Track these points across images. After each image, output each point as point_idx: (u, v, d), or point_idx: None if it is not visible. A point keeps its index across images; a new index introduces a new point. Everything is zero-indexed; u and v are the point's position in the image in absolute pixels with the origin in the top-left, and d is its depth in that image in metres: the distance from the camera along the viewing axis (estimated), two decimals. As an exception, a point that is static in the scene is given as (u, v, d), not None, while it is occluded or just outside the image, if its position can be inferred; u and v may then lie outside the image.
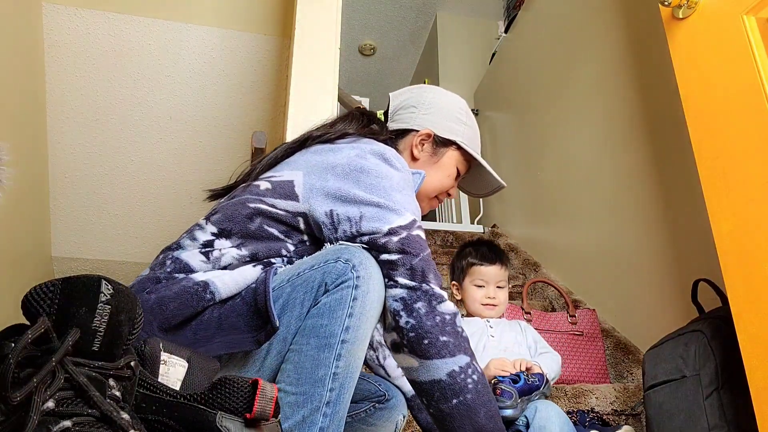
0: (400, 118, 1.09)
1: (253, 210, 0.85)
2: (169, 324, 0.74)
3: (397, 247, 0.79)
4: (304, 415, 0.70)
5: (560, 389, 1.60)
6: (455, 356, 0.76)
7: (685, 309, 1.58)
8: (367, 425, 1.02)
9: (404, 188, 0.87)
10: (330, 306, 0.73)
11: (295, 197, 0.86)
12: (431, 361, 0.77)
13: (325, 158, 0.89)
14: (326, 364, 0.71)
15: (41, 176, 2.26)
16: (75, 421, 0.44)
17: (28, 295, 0.48)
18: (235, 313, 0.75)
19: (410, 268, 0.78)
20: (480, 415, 0.76)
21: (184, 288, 0.76)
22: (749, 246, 0.95)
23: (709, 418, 1.06)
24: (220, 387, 0.54)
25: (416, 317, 0.76)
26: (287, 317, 0.74)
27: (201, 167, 2.43)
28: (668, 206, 1.79)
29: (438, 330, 0.76)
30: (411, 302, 0.77)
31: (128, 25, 2.13)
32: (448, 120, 1.08)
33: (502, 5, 3.63)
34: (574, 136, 2.46)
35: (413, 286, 0.78)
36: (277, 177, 0.89)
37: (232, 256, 0.83)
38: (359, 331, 0.73)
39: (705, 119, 1.08)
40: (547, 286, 2.46)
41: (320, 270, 0.75)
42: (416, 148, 1.05)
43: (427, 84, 1.15)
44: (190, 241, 0.86)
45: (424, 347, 0.76)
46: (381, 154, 0.89)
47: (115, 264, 2.56)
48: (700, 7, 1.10)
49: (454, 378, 0.76)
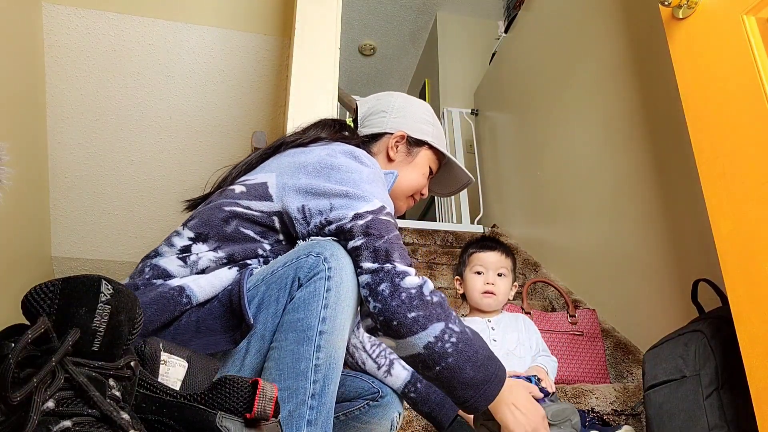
0: (370, 123, 1.13)
1: (228, 213, 0.87)
2: (147, 329, 0.74)
3: (362, 231, 0.79)
4: (290, 409, 0.70)
5: (560, 389, 1.60)
6: (427, 328, 0.76)
7: (685, 309, 1.58)
8: (362, 423, 1.02)
9: (374, 181, 0.88)
10: (304, 299, 0.74)
11: (269, 197, 0.87)
12: (405, 340, 0.77)
13: (296, 159, 0.91)
14: (306, 357, 0.72)
15: (41, 176, 2.26)
16: (75, 421, 0.44)
17: (28, 295, 0.48)
18: (212, 315, 0.76)
19: (373, 250, 0.78)
20: (466, 371, 0.77)
21: (160, 294, 0.77)
22: (749, 246, 0.95)
23: (709, 418, 1.06)
24: (220, 387, 0.54)
25: (381, 300, 0.76)
26: (263, 315, 0.75)
27: (201, 167, 2.43)
28: (668, 206, 1.79)
29: (405, 308, 0.76)
30: (375, 286, 0.77)
31: (128, 25, 2.13)
32: (417, 122, 1.12)
33: (502, 5, 3.63)
34: (574, 136, 2.46)
35: (375, 268, 0.77)
36: (251, 180, 0.91)
37: (209, 259, 0.84)
38: (336, 321, 0.74)
39: (705, 119, 1.08)
40: (547, 286, 2.46)
41: (293, 266, 0.76)
42: (392, 149, 1.10)
43: (395, 92, 1.19)
44: (168, 247, 0.87)
45: (395, 328, 0.76)
46: (350, 153, 0.91)
47: (115, 264, 2.56)
48: (700, 7, 1.10)
49: (431, 349, 0.76)
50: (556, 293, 2.36)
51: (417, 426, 1.41)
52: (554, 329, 1.90)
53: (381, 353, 1.09)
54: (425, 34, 4.83)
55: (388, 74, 5.32)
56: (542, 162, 2.79)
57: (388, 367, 1.07)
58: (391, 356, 1.09)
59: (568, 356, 1.85)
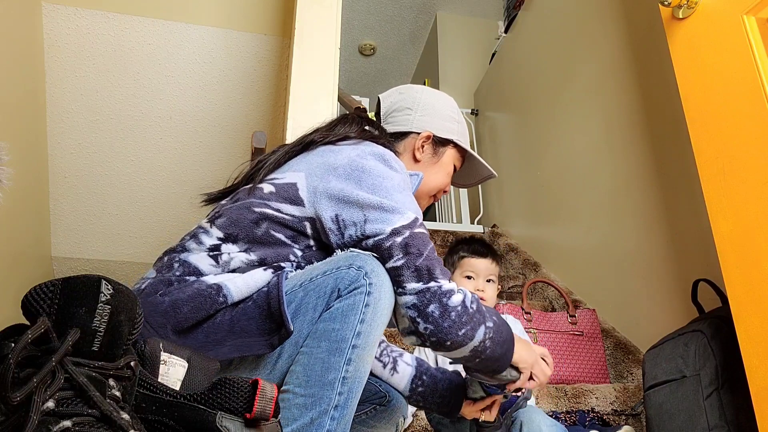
0: (395, 120, 1.11)
1: (259, 215, 0.86)
2: (182, 326, 0.74)
3: (401, 249, 0.80)
4: (313, 417, 0.71)
5: (560, 389, 1.60)
6: (474, 338, 0.81)
7: (685, 309, 1.58)
8: (368, 427, 1.03)
9: (404, 189, 0.89)
10: (342, 311, 0.74)
11: (300, 201, 0.86)
12: (458, 350, 0.81)
13: (326, 159, 0.90)
14: (336, 368, 0.72)
15: (41, 176, 2.26)
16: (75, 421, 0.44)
17: (28, 295, 0.48)
18: (247, 316, 0.76)
19: (416, 269, 0.80)
20: (497, 352, 0.84)
21: (197, 291, 0.76)
22: (749, 246, 0.95)
23: (709, 418, 1.06)
24: (220, 387, 0.54)
25: (432, 322, 0.79)
26: (299, 321, 0.75)
27: (201, 167, 2.43)
28: (668, 206, 1.79)
29: (456, 327, 0.79)
30: (423, 307, 0.79)
31: (128, 25, 2.13)
32: (444, 120, 1.10)
33: (502, 5, 3.63)
34: (574, 136, 2.46)
35: (421, 289, 0.79)
36: (280, 179, 0.90)
37: (241, 261, 0.83)
38: (369, 337, 0.74)
39: (705, 119, 1.08)
40: (547, 286, 2.46)
41: (333, 276, 0.76)
42: (418, 150, 1.08)
43: (419, 84, 1.16)
44: (196, 244, 0.86)
45: (448, 346, 0.80)
46: (381, 156, 0.90)
47: (115, 264, 2.56)
48: (700, 7, 1.10)
49: (476, 350, 0.82)
50: (556, 293, 2.36)
51: (417, 426, 1.41)
52: (554, 329, 1.90)
53: (384, 351, 1.08)
54: (425, 34, 4.83)
55: (388, 74, 5.32)
56: (542, 162, 2.79)
57: (393, 364, 1.07)
58: (393, 354, 1.08)
59: (568, 356, 1.85)
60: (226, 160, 2.43)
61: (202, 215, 0.95)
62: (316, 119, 1.09)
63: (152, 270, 0.86)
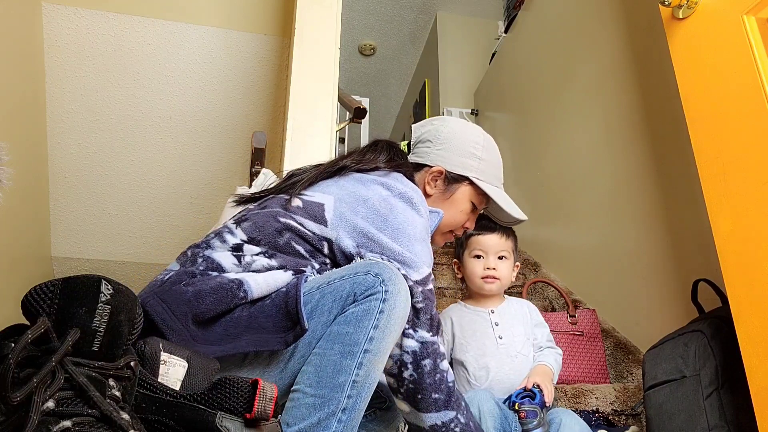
0: (418, 151, 1.13)
1: (283, 225, 0.89)
2: (202, 317, 0.75)
3: (422, 295, 0.86)
4: (320, 417, 0.72)
5: (560, 389, 1.60)
6: (440, 412, 0.85)
7: (685, 309, 1.58)
8: (368, 430, 1.03)
9: (425, 238, 0.93)
10: (357, 315, 0.75)
11: (324, 221, 0.90)
12: (419, 413, 0.85)
13: (356, 190, 0.94)
14: (347, 371, 0.73)
15: (41, 176, 2.26)
16: (75, 421, 0.43)
17: (28, 295, 0.48)
18: (264, 314, 0.77)
19: (430, 318, 0.85)
20: None
21: (219, 284, 0.78)
22: (749, 246, 0.95)
23: (709, 418, 1.06)
24: (220, 387, 0.54)
25: (419, 373, 0.84)
26: (314, 322, 0.77)
27: (201, 167, 2.43)
28: (668, 206, 1.79)
29: (433, 388, 0.84)
30: (420, 358, 0.84)
31: (128, 25, 2.13)
32: (461, 155, 1.09)
33: (502, 5, 3.63)
34: (573, 136, 2.46)
35: (427, 340, 0.84)
36: (309, 197, 0.94)
37: (262, 264, 0.85)
38: (382, 344, 0.75)
39: (705, 119, 1.08)
40: (547, 286, 2.46)
41: (350, 281, 0.78)
42: (428, 185, 1.09)
43: (453, 117, 1.17)
44: (220, 242, 0.88)
45: (418, 400, 0.85)
46: (409, 199, 0.93)
47: (115, 264, 2.56)
48: (700, 7, 1.10)
49: (435, 430, 0.85)
50: (556, 293, 2.36)
51: (417, 426, 1.40)
52: (554, 329, 1.90)
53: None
54: (425, 34, 4.83)
55: (388, 74, 5.31)
56: (542, 162, 2.79)
57: None
58: None
59: (568, 356, 1.85)
60: (226, 160, 2.43)
61: (202, 215, 0.96)
62: (316, 119, 1.10)
63: (175, 263, 0.88)
